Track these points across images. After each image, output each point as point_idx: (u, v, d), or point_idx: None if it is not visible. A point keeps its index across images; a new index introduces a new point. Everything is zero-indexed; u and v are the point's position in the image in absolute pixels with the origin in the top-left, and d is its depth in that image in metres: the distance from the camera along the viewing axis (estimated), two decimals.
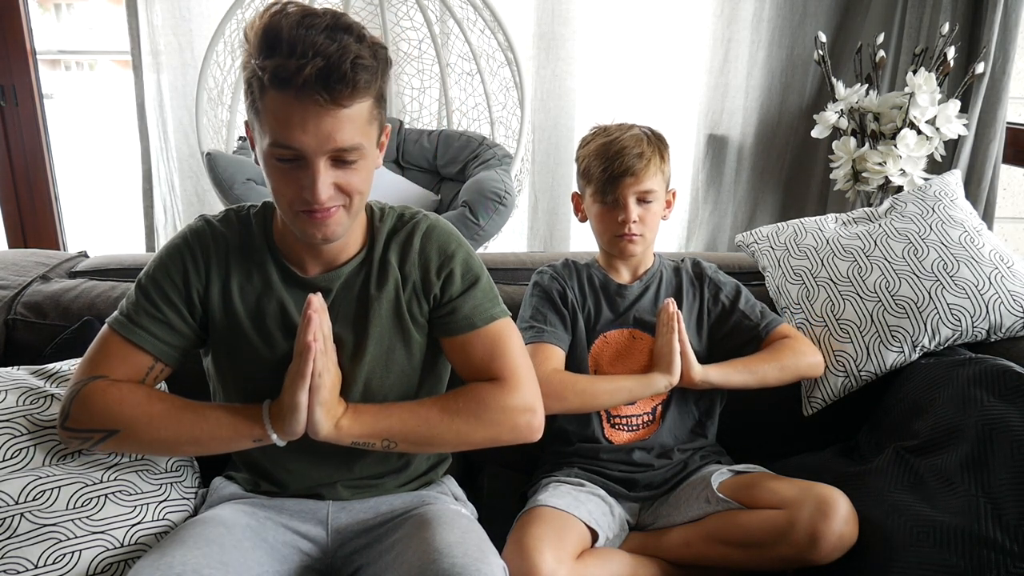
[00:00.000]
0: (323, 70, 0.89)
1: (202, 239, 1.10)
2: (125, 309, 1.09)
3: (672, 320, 1.29)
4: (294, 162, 0.95)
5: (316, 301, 1.00)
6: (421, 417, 1.06)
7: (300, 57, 0.89)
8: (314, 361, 0.98)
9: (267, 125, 0.94)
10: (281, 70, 0.90)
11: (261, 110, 0.94)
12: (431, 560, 0.94)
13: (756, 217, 2.66)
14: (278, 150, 0.94)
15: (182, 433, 1.03)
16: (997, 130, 2.08)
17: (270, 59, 0.90)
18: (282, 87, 0.91)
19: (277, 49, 0.90)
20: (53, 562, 1.01)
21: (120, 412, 1.02)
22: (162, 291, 1.08)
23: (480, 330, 1.11)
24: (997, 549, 1.01)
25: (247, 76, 0.95)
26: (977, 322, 1.37)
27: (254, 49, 0.92)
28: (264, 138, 0.95)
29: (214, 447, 1.05)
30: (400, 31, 2.66)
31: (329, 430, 1.02)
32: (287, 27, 0.90)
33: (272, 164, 0.96)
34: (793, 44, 2.47)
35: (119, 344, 1.07)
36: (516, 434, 1.09)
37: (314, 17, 0.92)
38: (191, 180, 2.71)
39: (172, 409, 1.04)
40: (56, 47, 4.33)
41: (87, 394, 1.03)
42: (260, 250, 1.10)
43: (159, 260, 1.10)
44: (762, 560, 1.16)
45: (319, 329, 0.99)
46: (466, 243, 1.15)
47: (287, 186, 0.97)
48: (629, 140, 1.31)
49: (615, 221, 1.32)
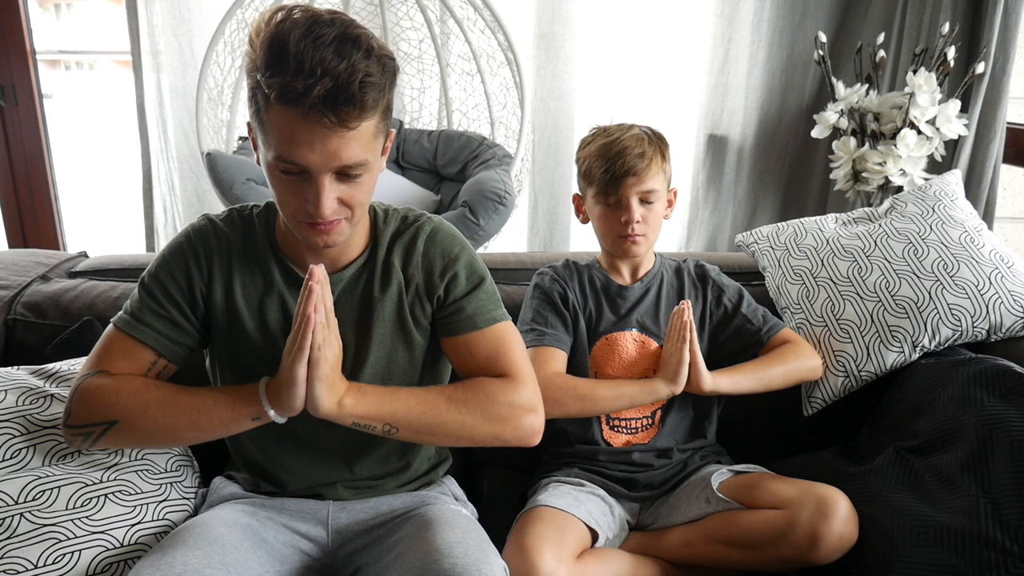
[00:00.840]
0: (331, 91, 0.88)
1: (205, 238, 1.10)
2: (129, 307, 1.09)
3: (685, 329, 1.28)
4: (299, 175, 0.95)
5: (319, 272, 0.96)
6: (428, 404, 1.04)
7: (308, 76, 0.87)
8: (314, 333, 0.94)
9: (271, 138, 0.93)
10: (288, 90, 0.88)
11: (266, 122, 0.93)
12: (432, 560, 0.94)
13: (756, 217, 2.66)
14: (283, 164, 0.94)
15: (180, 418, 1.01)
16: (997, 130, 2.08)
17: (276, 76, 0.88)
18: (288, 104, 0.89)
19: (284, 65, 0.88)
20: (53, 562, 1.01)
21: (116, 402, 1.01)
22: (165, 289, 1.08)
23: (483, 331, 1.10)
24: (997, 549, 1.01)
25: (251, 85, 0.93)
26: (977, 322, 1.37)
27: (260, 61, 0.90)
28: (268, 150, 0.94)
29: (214, 430, 1.02)
30: (400, 31, 2.66)
31: (330, 407, 0.98)
32: (294, 40, 0.88)
33: (276, 175, 0.96)
34: (793, 44, 2.47)
35: (122, 340, 1.07)
36: (519, 433, 1.08)
37: (322, 27, 0.89)
38: (191, 180, 2.71)
39: (168, 395, 1.02)
40: (56, 47, 4.33)
41: (86, 388, 1.03)
42: (263, 250, 1.10)
43: (162, 258, 1.10)
44: (762, 560, 1.16)
45: (320, 300, 0.96)
46: (469, 246, 1.14)
47: (291, 196, 0.97)
48: (630, 140, 1.31)
49: (618, 222, 1.32)
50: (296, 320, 0.96)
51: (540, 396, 1.11)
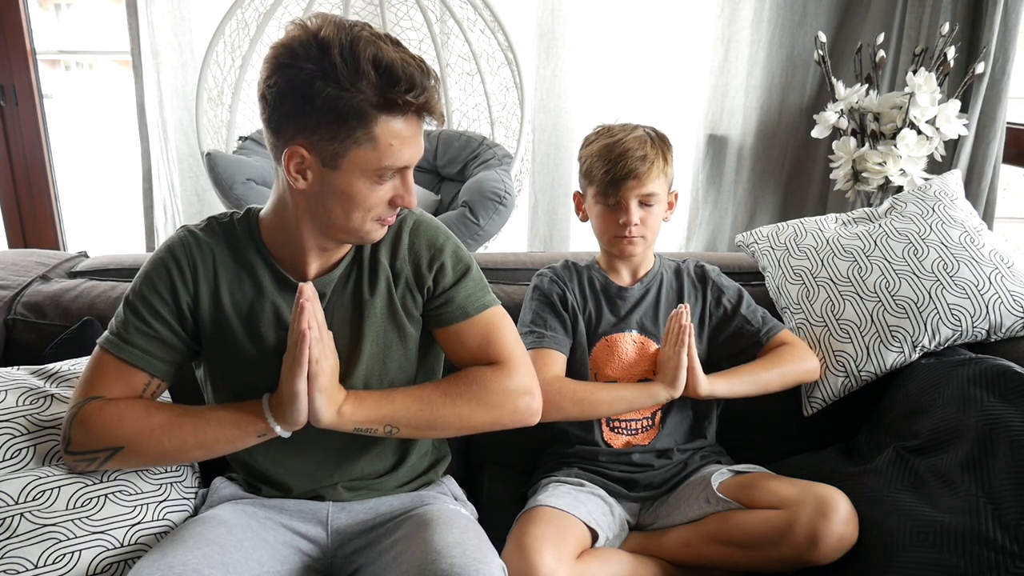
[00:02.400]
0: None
1: (186, 249, 1.08)
2: (115, 328, 1.08)
3: (684, 333, 1.27)
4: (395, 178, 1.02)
5: (308, 290, 1.01)
6: (424, 401, 1.07)
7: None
8: (310, 348, 0.98)
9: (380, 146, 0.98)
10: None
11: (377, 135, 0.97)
12: (431, 560, 0.94)
13: (756, 217, 2.66)
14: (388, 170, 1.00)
15: (186, 440, 1.03)
16: (997, 130, 2.08)
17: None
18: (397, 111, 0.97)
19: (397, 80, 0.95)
20: (53, 562, 1.01)
21: (120, 428, 1.02)
22: (151, 306, 1.07)
23: (474, 318, 1.12)
24: (997, 549, 1.01)
25: (359, 100, 0.94)
26: (977, 322, 1.37)
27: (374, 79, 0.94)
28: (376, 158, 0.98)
29: (220, 449, 1.05)
30: (400, 31, 2.66)
31: (331, 417, 1.02)
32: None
33: (374, 180, 1.00)
34: (793, 44, 2.47)
35: (113, 364, 1.06)
36: (517, 416, 1.10)
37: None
38: (191, 180, 2.71)
39: (172, 418, 1.04)
40: (56, 47, 4.32)
41: (85, 416, 1.03)
42: (250, 256, 1.09)
43: (145, 276, 1.09)
44: (762, 560, 1.16)
45: (312, 317, 0.99)
46: (453, 236, 1.15)
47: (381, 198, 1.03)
48: (633, 142, 1.30)
49: (616, 222, 1.32)
50: (291, 337, 1.00)
51: (535, 377, 1.13)
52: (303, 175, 0.99)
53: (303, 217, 1.04)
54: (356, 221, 1.02)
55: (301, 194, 1.01)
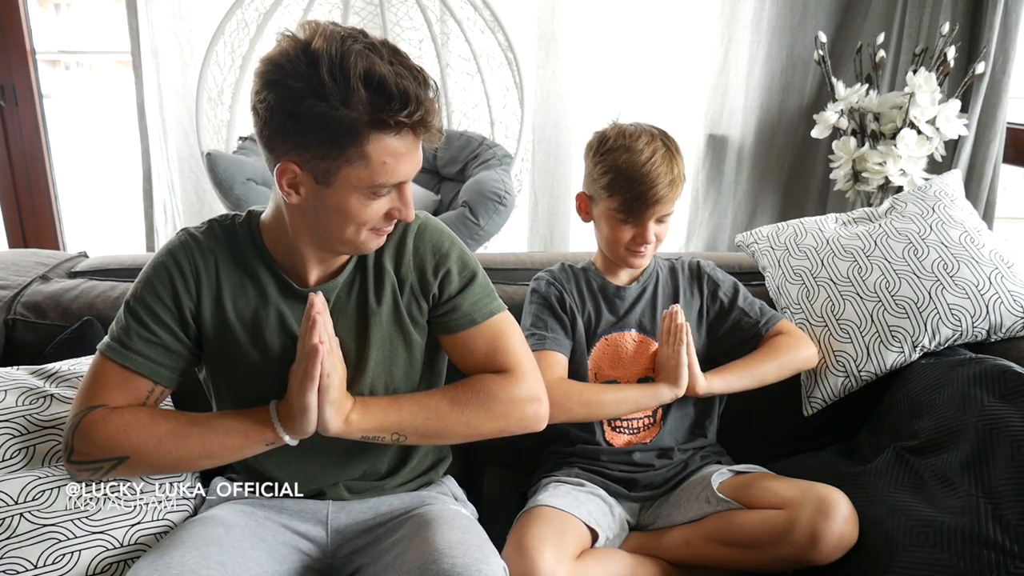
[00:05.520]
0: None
1: (188, 253, 1.07)
2: (116, 334, 1.05)
3: (680, 331, 1.27)
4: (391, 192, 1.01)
5: (319, 302, 1.00)
6: (431, 409, 1.06)
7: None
8: (322, 363, 0.97)
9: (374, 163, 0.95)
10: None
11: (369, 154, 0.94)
12: (431, 560, 0.94)
13: (756, 217, 2.66)
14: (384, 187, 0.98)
15: (193, 449, 1.02)
16: (997, 130, 2.08)
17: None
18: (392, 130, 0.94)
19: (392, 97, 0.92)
20: (53, 562, 1.01)
21: (125, 438, 1.01)
22: (153, 312, 1.05)
23: (481, 326, 1.10)
24: (997, 549, 1.01)
25: (350, 119, 0.92)
26: (977, 322, 1.37)
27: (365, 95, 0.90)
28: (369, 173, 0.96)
29: (228, 457, 1.04)
30: (400, 31, 2.66)
31: (339, 426, 1.02)
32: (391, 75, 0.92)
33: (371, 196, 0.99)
34: (793, 44, 2.47)
35: (115, 371, 1.04)
36: (524, 424, 1.09)
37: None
38: (191, 180, 2.71)
39: (178, 427, 1.02)
40: (55, 47, 4.32)
41: (88, 425, 1.01)
42: (252, 261, 1.08)
43: (146, 280, 1.06)
44: (762, 560, 1.16)
45: (323, 330, 0.99)
46: (458, 240, 1.14)
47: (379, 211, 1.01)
48: (662, 166, 1.25)
49: (629, 238, 1.30)
50: (301, 350, 0.99)
51: (542, 383, 1.12)
52: (296, 190, 0.98)
53: (299, 229, 1.03)
54: (350, 234, 1.01)
55: (295, 208, 1.00)
